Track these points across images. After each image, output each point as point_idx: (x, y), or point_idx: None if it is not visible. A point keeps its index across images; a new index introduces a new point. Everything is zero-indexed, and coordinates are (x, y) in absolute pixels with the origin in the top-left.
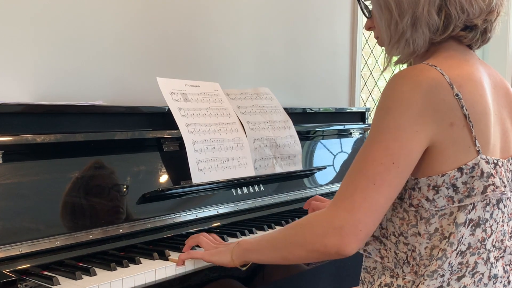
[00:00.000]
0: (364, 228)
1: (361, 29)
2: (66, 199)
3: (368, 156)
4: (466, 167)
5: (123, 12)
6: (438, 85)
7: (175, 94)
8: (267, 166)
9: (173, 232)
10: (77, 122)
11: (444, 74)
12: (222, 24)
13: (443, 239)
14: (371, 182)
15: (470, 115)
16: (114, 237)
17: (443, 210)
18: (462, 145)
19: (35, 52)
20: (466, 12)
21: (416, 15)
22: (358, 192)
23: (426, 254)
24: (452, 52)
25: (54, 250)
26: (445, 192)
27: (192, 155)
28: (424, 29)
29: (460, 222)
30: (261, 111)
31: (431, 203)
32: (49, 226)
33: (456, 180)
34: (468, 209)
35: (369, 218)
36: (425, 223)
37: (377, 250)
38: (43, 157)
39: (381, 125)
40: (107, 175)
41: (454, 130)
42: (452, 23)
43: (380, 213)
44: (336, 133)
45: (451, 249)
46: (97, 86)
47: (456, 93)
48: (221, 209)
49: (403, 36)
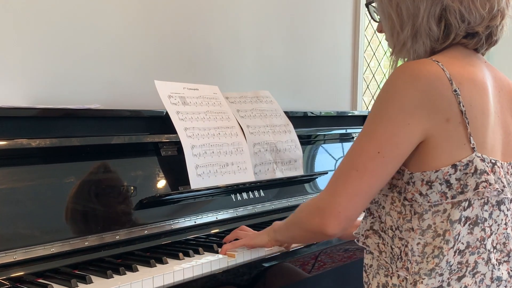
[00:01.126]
0: (343, 210)
1: (363, 31)
2: (62, 205)
3: (356, 144)
4: (460, 164)
5: (120, 13)
6: (437, 79)
7: (173, 97)
8: (267, 171)
9: (171, 238)
10: (73, 126)
11: (445, 69)
12: (221, 25)
13: (437, 236)
14: (354, 168)
15: (467, 112)
16: (111, 244)
17: (437, 207)
18: (457, 141)
19: (28, 54)
20: (466, 21)
21: (416, 27)
22: (341, 178)
23: (418, 250)
24: (457, 53)
25: (49, 257)
26: (438, 187)
27: (190, 159)
28: (425, 39)
29: (454, 219)
30: (261, 115)
31: (424, 197)
32: (44, 233)
33: (449, 176)
34: (462, 206)
35: (349, 203)
36: (418, 218)
37: (376, 244)
38: (38, 162)
39: (374, 116)
40: (104, 181)
41: (450, 126)
42: (452, 32)
43: (362, 198)
44: (337, 137)
45: (447, 247)
46: (93, 89)
47: (454, 88)
48: (220, 215)
49: (404, 47)
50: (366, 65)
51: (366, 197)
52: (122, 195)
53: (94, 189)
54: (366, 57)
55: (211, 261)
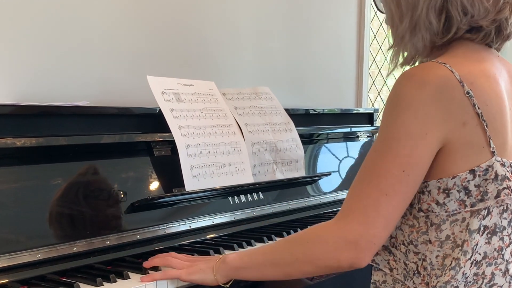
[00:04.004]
0: (378, 241)
1: (369, 22)
2: (48, 208)
3: (378, 164)
4: (479, 169)
5: (110, 3)
6: (446, 83)
7: (167, 94)
8: (267, 172)
9: (164, 244)
10: (60, 124)
11: (454, 71)
12: (218, 17)
13: (456, 247)
14: (383, 193)
15: (484, 113)
16: (100, 250)
17: (455, 216)
18: (475, 145)
19: (11, 47)
20: (469, 13)
21: (415, 19)
22: (371, 204)
23: (438, 263)
24: (465, 50)
25: (35, 264)
26: (456, 195)
27: (185, 160)
28: (424, 33)
29: (473, 228)
30: (260, 112)
31: (441, 207)
32: (30, 238)
33: (468, 183)
34: (482, 214)
35: (384, 232)
36: (435, 230)
37: (386, 261)
38: (22, 163)
39: (389, 131)
40: (93, 182)
41: (467, 130)
42: (454, 26)
43: (393, 225)
44: (341, 136)
45: (465, 258)
46: (81, 85)
47: (467, 91)
48: (216, 219)
49: (403, 40)
50: (372, 59)
51: (396, 221)
52: (113, 197)
53: (82, 191)
54: (372, 51)
55: None
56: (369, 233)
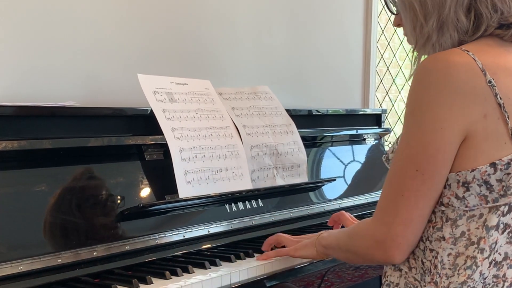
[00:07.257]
0: (403, 240)
1: (376, 17)
2: (31, 216)
3: (395, 164)
4: (500, 163)
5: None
6: (468, 71)
7: (159, 93)
8: (267, 178)
9: (156, 255)
10: (45, 127)
11: (477, 59)
12: (214, 12)
13: (470, 245)
14: (399, 194)
15: (506, 105)
16: (87, 261)
17: (472, 211)
18: (496, 138)
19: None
20: (499, 10)
21: (442, 18)
22: (390, 206)
23: (449, 262)
24: (490, 42)
25: (17, 277)
26: (477, 189)
27: (178, 164)
28: (452, 32)
29: (491, 225)
30: (260, 113)
31: (461, 201)
32: (11, 248)
33: (489, 177)
34: (501, 210)
35: (406, 231)
36: (451, 225)
37: (406, 260)
38: (4, 168)
39: (405, 127)
40: (80, 189)
41: (488, 122)
42: (483, 23)
43: (417, 222)
44: (347, 139)
45: (482, 257)
46: (67, 84)
47: (489, 79)
48: (212, 228)
49: (429, 41)
50: (380, 56)
51: (421, 219)
52: (101, 205)
53: (68, 199)
54: (380, 47)
55: (202, 280)
56: (391, 233)
